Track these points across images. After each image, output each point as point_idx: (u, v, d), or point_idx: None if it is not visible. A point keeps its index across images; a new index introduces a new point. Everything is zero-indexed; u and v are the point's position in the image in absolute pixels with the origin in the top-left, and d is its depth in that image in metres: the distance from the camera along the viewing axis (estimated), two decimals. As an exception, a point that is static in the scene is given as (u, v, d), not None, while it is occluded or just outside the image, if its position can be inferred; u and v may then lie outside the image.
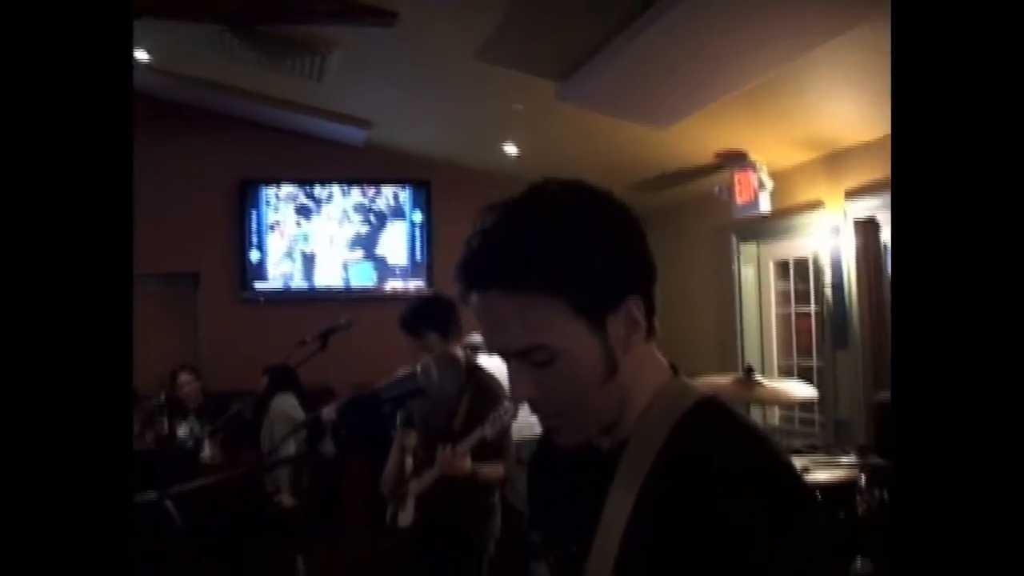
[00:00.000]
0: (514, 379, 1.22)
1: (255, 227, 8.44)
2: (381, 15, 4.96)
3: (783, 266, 6.68)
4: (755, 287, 6.88)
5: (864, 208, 5.32)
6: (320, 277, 8.51)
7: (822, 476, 3.94)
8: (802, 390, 4.31)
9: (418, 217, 8.60)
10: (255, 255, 8.43)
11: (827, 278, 5.71)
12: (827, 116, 5.13)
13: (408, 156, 8.43)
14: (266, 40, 5.85)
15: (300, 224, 8.51)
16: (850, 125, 5.14)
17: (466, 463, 3.75)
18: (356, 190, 8.57)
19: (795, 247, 6.34)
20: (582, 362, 1.17)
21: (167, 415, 6.66)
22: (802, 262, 6.31)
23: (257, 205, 8.45)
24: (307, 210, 8.52)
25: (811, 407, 6.02)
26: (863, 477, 3.84)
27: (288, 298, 8.43)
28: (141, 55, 6.66)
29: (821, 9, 3.88)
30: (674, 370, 1.30)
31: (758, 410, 6.42)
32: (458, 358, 3.95)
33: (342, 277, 8.54)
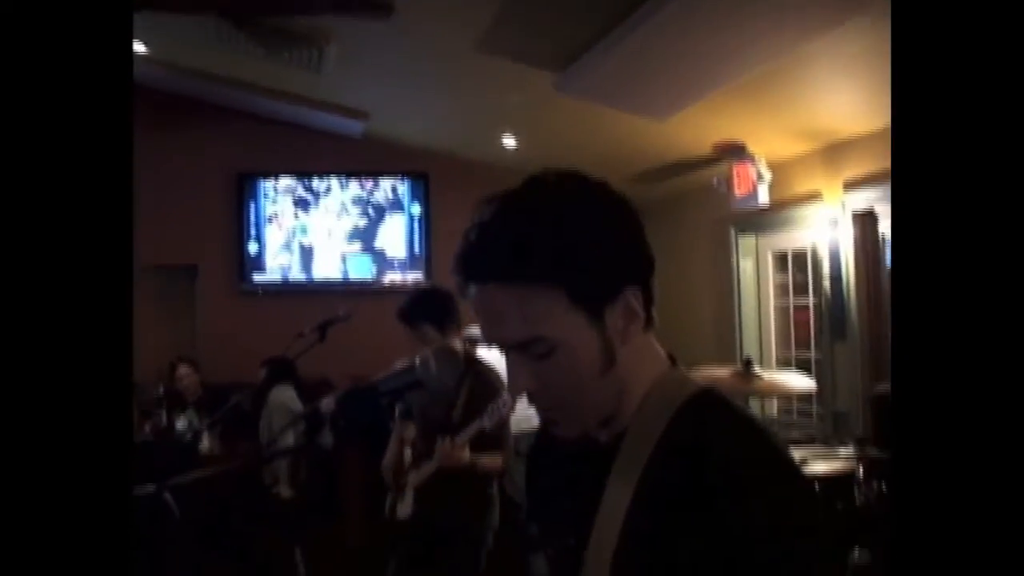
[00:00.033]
0: (512, 372, 1.21)
1: (253, 219, 8.43)
2: (377, 7, 4.95)
3: (781, 258, 6.68)
4: (753, 279, 6.88)
5: (862, 200, 5.32)
6: (318, 269, 8.50)
7: (820, 468, 3.94)
8: (800, 382, 4.31)
9: (416, 209, 8.59)
10: (253, 247, 8.42)
11: (825, 270, 5.71)
12: (825, 108, 5.12)
13: (406, 148, 8.41)
14: (264, 32, 5.83)
15: (298, 216, 8.50)
16: (848, 116, 5.14)
17: (465, 455, 3.76)
18: (354, 182, 8.55)
19: (793, 239, 6.34)
20: (580, 354, 1.17)
21: (166, 407, 6.67)
22: (800, 254, 6.31)
23: (255, 197, 8.44)
24: (305, 202, 8.50)
25: (809, 399, 6.02)
26: (861, 469, 3.85)
27: (286, 290, 8.42)
28: (139, 47, 6.65)
29: (819, 0, 3.87)
30: (672, 361, 1.30)
31: (756, 402, 6.43)
32: (456, 351, 3.96)
33: (340, 269, 8.52)
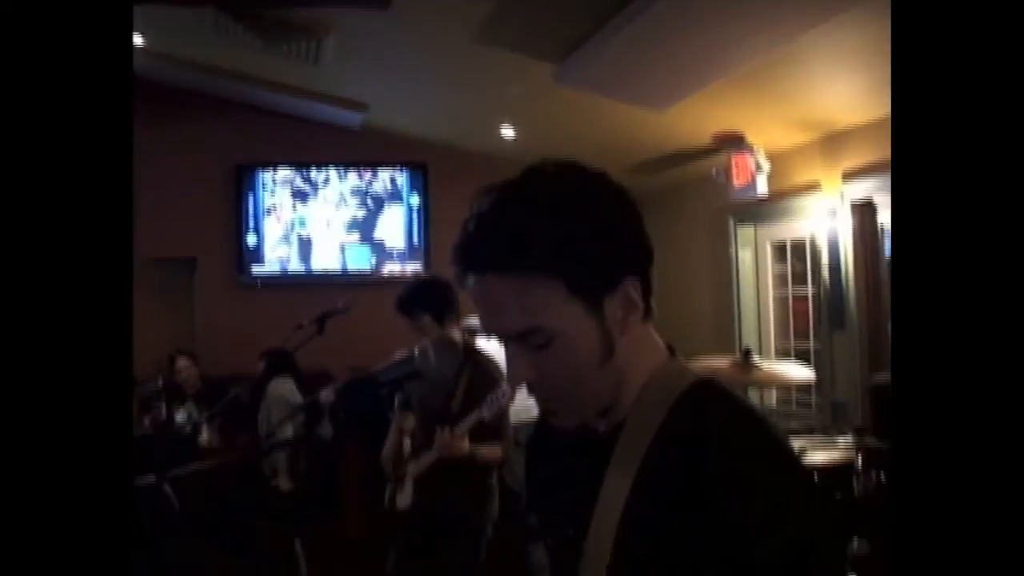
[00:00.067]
0: (511, 362, 1.21)
1: (252, 211, 8.42)
2: (376, -2, 4.94)
3: (780, 248, 6.68)
4: (752, 269, 6.88)
5: (861, 190, 5.32)
6: (317, 261, 8.49)
7: (819, 458, 3.95)
8: (799, 372, 4.32)
9: (415, 200, 8.58)
10: (252, 239, 8.41)
11: (824, 260, 5.71)
12: (824, 98, 5.12)
13: (405, 139, 8.40)
14: (262, 24, 5.82)
15: (297, 208, 8.49)
16: (847, 107, 5.13)
17: (464, 445, 3.76)
18: (353, 173, 8.54)
19: (792, 229, 6.34)
20: (579, 344, 1.17)
21: (165, 400, 6.67)
22: (799, 244, 6.31)
23: (254, 189, 8.42)
24: (304, 194, 8.50)
25: (808, 389, 6.03)
26: (860, 459, 3.85)
27: (285, 282, 8.42)
28: (137, 39, 6.63)
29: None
30: (671, 351, 1.30)
31: (755, 392, 6.43)
32: (455, 341, 3.96)
33: (339, 261, 8.52)
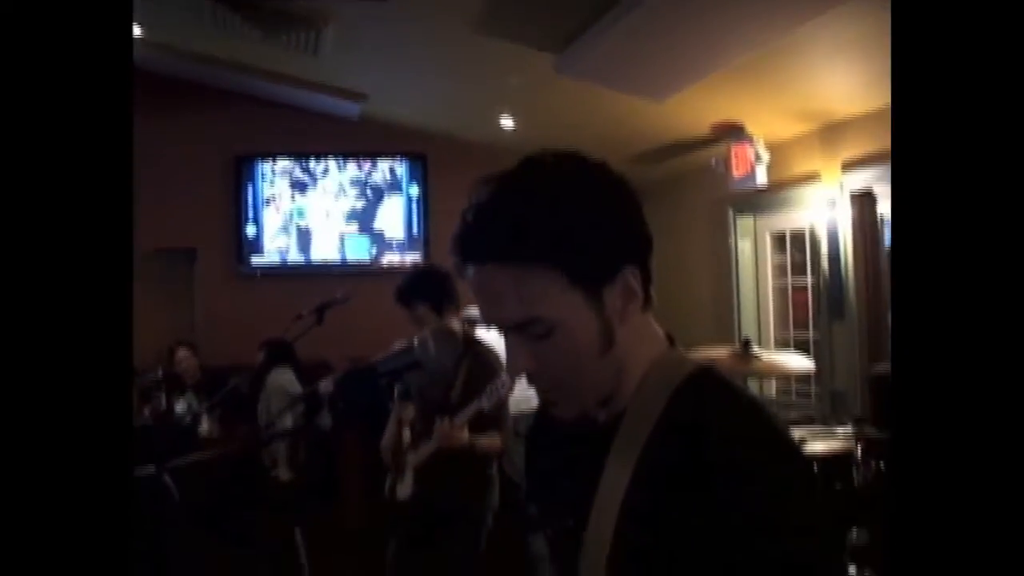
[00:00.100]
0: (511, 353, 1.21)
1: (251, 202, 8.42)
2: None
3: (780, 239, 6.67)
4: (751, 260, 6.88)
5: (860, 180, 5.31)
6: (316, 251, 8.49)
7: (818, 448, 3.95)
8: (798, 362, 4.32)
9: (415, 190, 8.57)
10: (251, 230, 8.41)
11: (823, 250, 5.71)
12: (823, 88, 5.11)
13: (404, 129, 8.38)
14: (260, 14, 5.80)
15: (296, 198, 8.49)
16: (846, 97, 5.12)
17: (463, 435, 3.76)
18: (352, 164, 8.54)
19: (792, 219, 6.33)
20: (579, 334, 1.17)
21: (165, 390, 6.68)
22: (798, 234, 6.31)
23: (253, 180, 8.42)
24: (303, 184, 8.49)
25: (807, 379, 6.02)
26: (859, 449, 3.85)
27: (284, 272, 8.42)
28: (135, 30, 6.62)
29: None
30: (671, 341, 1.30)
31: (755, 383, 6.44)
32: (454, 331, 3.96)
33: (338, 251, 8.52)
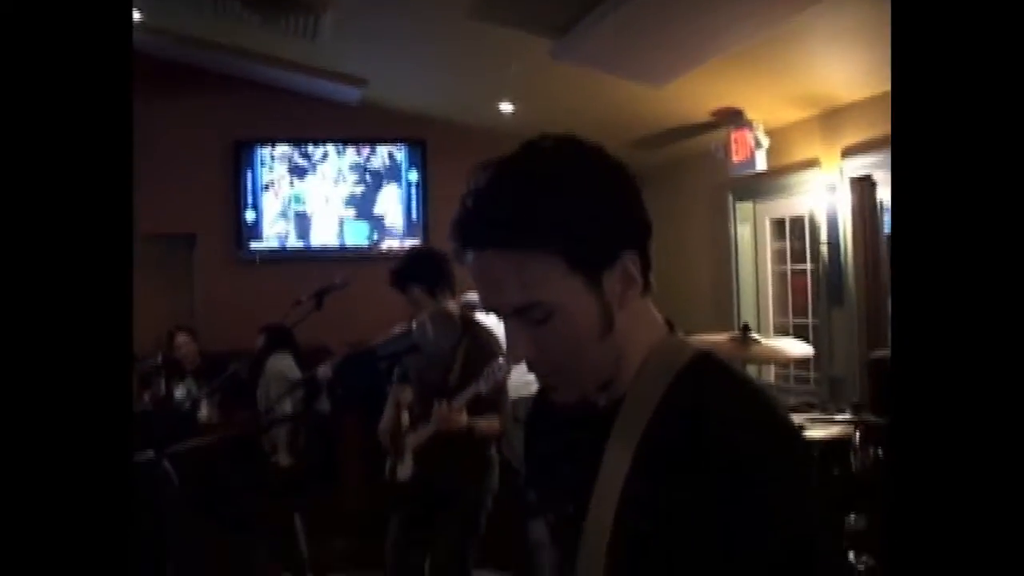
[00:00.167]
0: (511, 338, 1.21)
1: (250, 187, 8.40)
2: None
3: (779, 224, 6.67)
4: (751, 245, 6.87)
5: (860, 166, 5.31)
6: (315, 237, 8.48)
7: (817, 433, 3.95)
8: (797, 348, 4.32)
9: (414, 176, 8.56)
10: (250, 215, 8.40)
11: (823, 236, 5.70)
12: (823, 74, 5.10)
13: (404, 115, 8.36)
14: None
15: (295, 184, 8.48)
16: (846, 83, 5.11)
17: (462, 418, 3.75)
18: (351, 149, 8.52)
19: (791, 205, 6.33)
20: (578, 318, 1.16)
21: (164, 376, 6.67)
22: (798, 220, 6.30)
23: (252, 165, 8.40)
24: (302, 170, 8.48)
25: (806, 365, 6.03)
26: (857, 434, 3.85)
27: (284, 258, 8.41)
28: (135, 14, 6.59)
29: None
30: (670, 326, 1.30)
31: (754, 368, 6.44)
32: (452, 315, 3.95)
33: (337, 237, 8.51)
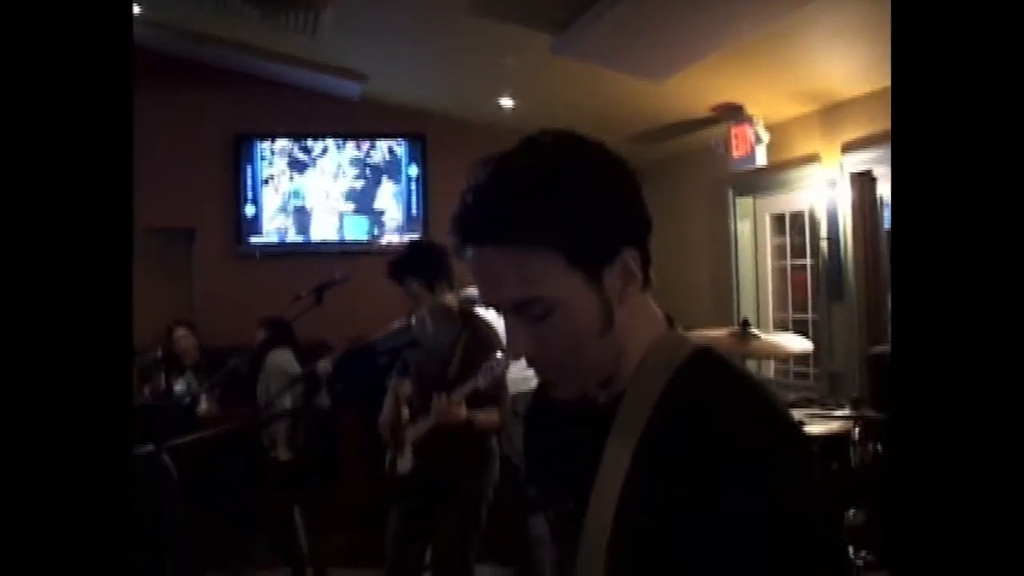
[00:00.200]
0: (511, 334, 1.21)
1: (250, 182, 8.40)
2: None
3: (779, 220, 6.67)
4: (751, 241, 6.87)
5: (860, 161, 5.30)
6: (315, 231, 8.49)
7: (816, 429, 3.96)
8: (797, 343, 4.32)
9: (414, 171, 8.56)
10: (250, 210, 8.40)
11: (823, 231, 5.70)
12: (824, 69, 5.09)
13: (404, 109, 8.36)
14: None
15: (295, 178, 8.47)
16: (847, 78, 5.11)
17: (461, 411, 3.76)
18: (351, 144, 8.52)
19: (791, 200, 6.33)
20: (578, 314, 1.16)
21: (164, 370, 6.68)
22: (798, 215, 6.30)
23: (252, 160, 8.40)
24: (302, 164, 8.47)
25: (806, 360, 6.03)
26: (857, 430, 3.86)
27: (283, 252, 8.42)
28: (135, 8, 6.59)
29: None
30: (669, 322, 1.30)
31: (753, 363, 6.44)
32: (451, 309, 3.94)
33: (337, 231, 8.51)
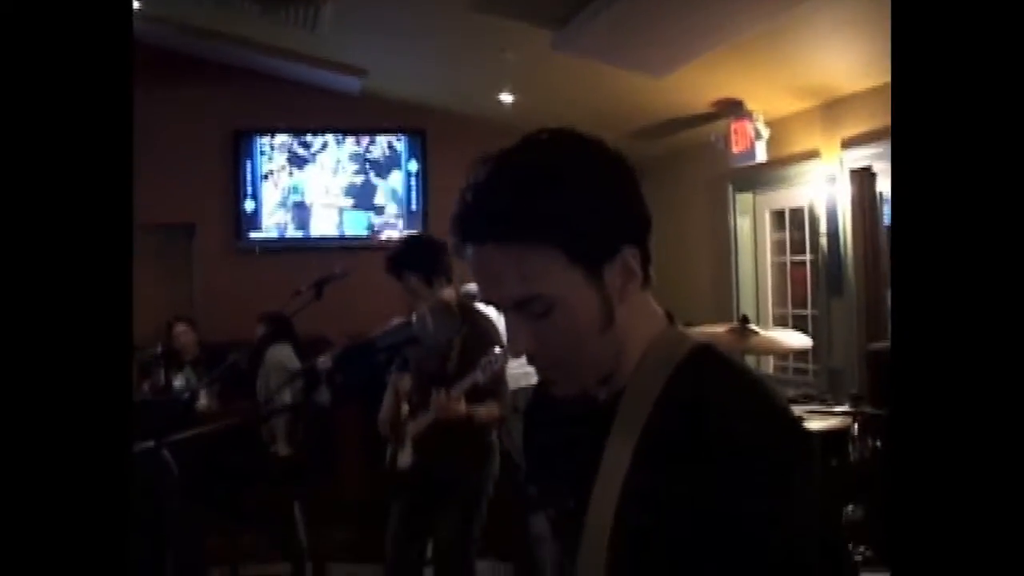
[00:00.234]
0: (511, 332, 1.21)
1: (249, 177, 8.40)
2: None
3: (779, 215, 6.67)
4: (751, 236, 6.88)
5: (860, 157, 5.30)
6: (315, 226, 8.48)
7: (816, 425, 3.96)
8: (796, 339, 4.32)
9: (413, 166, 8.56)
10: (250, 205, 8.39)
11: (822, 227, 5.71)
12: (823, 65, 5.09)
13: (403, 105, 8.35)
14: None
15: (294, 174, 8.47)
16: (846, 74, 5.10)
17: (460, 406, 3.75)
18: (351, 139, 8.52)
19: (791, 196, 6.33)
20: (579, 312, 1.16)
21: (164, 366, 6.68)
22: (798, 211, 6.30)
23: (251, 155, 8.39)
24: (302, 160, 8.47)
25: (805, 356, 6.04)
26: (856, 426, 3.86)
27: (283, 248, 8.41)
28: (135, 2, 6.58)
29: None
30: (669, 319, 1.30)
31: (752, 359, 6.44)
32: (451, 306, 3.94)
33: (337, 226, 8.51)
